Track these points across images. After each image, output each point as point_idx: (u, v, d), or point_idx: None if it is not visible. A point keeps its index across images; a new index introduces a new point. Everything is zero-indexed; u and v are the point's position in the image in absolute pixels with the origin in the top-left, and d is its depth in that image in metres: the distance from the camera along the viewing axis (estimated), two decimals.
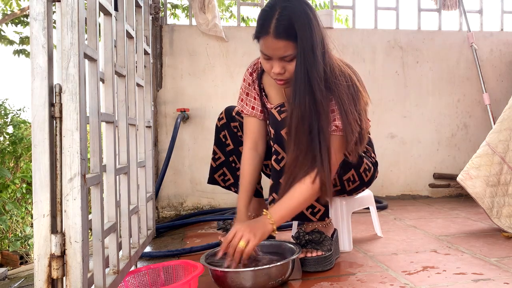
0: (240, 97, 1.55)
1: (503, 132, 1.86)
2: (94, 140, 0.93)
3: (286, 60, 1.26)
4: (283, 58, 1.26)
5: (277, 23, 1.21)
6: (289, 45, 1.23)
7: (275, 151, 1.38)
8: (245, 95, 1.53)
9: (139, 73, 1.44)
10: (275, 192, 1.38)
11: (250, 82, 1.53)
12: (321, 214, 1.41)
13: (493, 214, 1.80)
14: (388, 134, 2.86)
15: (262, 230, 1.24)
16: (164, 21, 2.68)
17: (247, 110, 1.52)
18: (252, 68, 1.53)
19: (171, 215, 2.61)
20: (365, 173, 1.52)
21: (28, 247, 4.96)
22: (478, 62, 2.86)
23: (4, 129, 5.75)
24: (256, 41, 1.30)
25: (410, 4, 3.00)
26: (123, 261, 1.13)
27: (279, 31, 1.21)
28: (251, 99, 1.53)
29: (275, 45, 1.23)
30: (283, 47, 1.23)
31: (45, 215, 0.80)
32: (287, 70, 1.28)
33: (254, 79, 1.53)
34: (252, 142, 1.52)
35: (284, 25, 1.21)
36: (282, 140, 1.34)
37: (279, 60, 1.27)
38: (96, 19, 0.94)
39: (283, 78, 1.31)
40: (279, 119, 1.35)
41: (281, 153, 1.36)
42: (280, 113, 1.36)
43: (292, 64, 1.26)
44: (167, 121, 2.63)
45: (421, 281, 1.26)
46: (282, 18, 1.21)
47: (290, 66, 1.27)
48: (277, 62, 1.27)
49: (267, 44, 1.25)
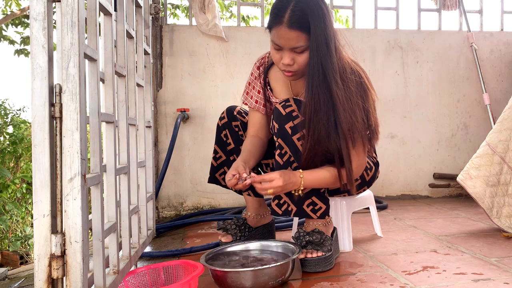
0: (246, 90, 1.60)
1: (503, 132, 1.86)
2: (94, 140, 0.93)
3: (297, 52, 1.30)
4: (294, 49, 1.29)
5: (291, 13, 1.25)
6: (301, 36, 1.26)
7: (278, 145, 1.38)
8: (252, 88, 1.58)
9: (139, 73, 1.44)
10: None
11: (256, 76, 1.57)
12: (322, 212, 1.41)
13: (493, 214, 1.80)
14: (388, 134, 2.86)
15: (290, 189, 1.33)
16: (164, 21, 2.68)
17: (250, 103, 1.57)
18: (259, 62, 1.57)
19: (171, 215, 2.61)
20: (366, 172, 1.54)
21: (28, 247, 4.96)
22: (478, 62, 2.86)
23: (4, 129, 5.75)
24: (268, 31, 1.35)
25: (410, 4, 3.00)
26: (123, 261, 1.13)
27: (292, 21, 1.25)
28: (256, 92, 1.57)
29: (287, 35, 1.26)
30: (296, 37, 1.26)
31: (45, 215, 0.80)
32: (296, 62, 1.32)
33: (261, 72, 1.56)
34: (254, 130, 1.57)
35: (298, 15, 1.24)
36: (286, 134, 1.35)
37: (290, 51, 1.30)
38: (96, 19, 0.94)
39: (291, 69, 1.34)
40: (284, 113, 1.36)
41: (284, 148, 1.36)
42: (284, 107, 1.37)
43: (302, 56, 1.30)
44: (167, 121, 2.63)
45: (421, 281, 1.26)
46: (297, 9, 1.25)
47: (299, 58, 1.31)
48: (288, 52, 1.30)
49: (279, 33, 1.28)
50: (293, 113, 1.35)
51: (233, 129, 1.63)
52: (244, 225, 1.63)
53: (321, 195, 1.41)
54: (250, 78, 1.60)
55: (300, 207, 1.39)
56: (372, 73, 2.83)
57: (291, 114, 1.35)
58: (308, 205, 1.40)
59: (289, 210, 1.39)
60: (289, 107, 1.37)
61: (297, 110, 1.36)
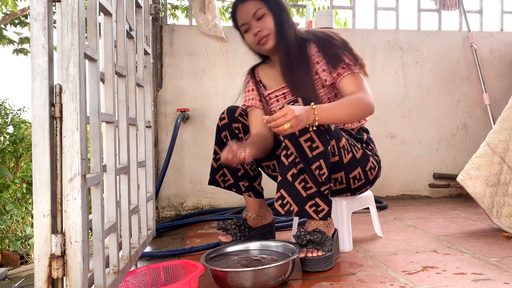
0: (244, 98, 1.70)
1: (503, 132, 1.86)
2: (94, 140, 0.93)
3: (259, 18, 1.48)
4: (255, 16, 1.47)
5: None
6: (256, 3, 1.47)
7: (285, 146, 1.38)
8: (246, 91, 1.69)
9: (139, 73, 1.44)
10: (283, 189, 1.37)
11: (248, 79, 1.71)
12: (324, 214, 1.41)
13: (493, 214, 1.80)
14: (388, 134, 2.86)
15: (306, 122, 1.30)
16: (164, 21, 2.69)
17: (248, 102, 1.66)
18: (249, 69, 1.74)
19: (171, 215, 2.61)
20: (370, 172, 1.55)
21: (28, 247, 4.96)
22: (478, 62, 2.86)
23: (4, 129, 5.75)
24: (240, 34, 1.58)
25: (410, 4, 3.00)
26: (123, 261, 1.13)
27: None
28: (250, 91, 1.68)
29: (245, 8, 1.48)
30: (252, 6, 1.47)
31: (46, 215, 0.80)
32: (263, 26, 1.48)
33: (249, 72, 1.72)
34: (256, 128, 1.61)
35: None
36: (293, 135, 1.35)
37: (255, 22, 1.48)
38: (96, 19, 0.94)
39: (263, 34, 1.48)
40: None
41: (291, 148, 1.36)
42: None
43: (265, 19, 1.47)
44: (167, 121, 2.63)
45: (421, 281, 1.26)
46: None
47: (264, 23, 1.48)
48: (253, 24, 1.49)
49: (240, 13, 1.50)
50: None
51: (233, 131, 1.63)
52: (244, 225, 1.63)
53: (324, 197, 1.41)
54: (244, 86, 1.73)
55: (302, 207, 1.39)
56: (372, 73, 2.81)
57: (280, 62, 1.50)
58: (311, 206, 1.39)
59: (291, 210, 1.39)
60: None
61: None
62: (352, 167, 1.49)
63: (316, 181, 1.37)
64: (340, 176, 1.50)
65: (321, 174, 1.37)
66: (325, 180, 1.38)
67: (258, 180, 1.69)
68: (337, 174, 1.49)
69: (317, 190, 1.38)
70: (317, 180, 1.37)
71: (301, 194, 1.38)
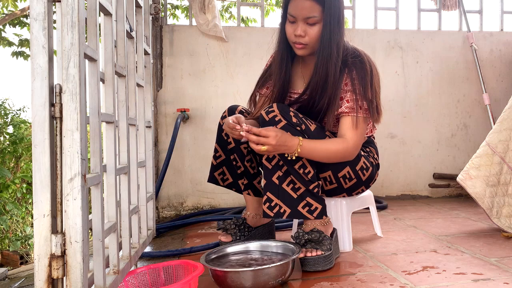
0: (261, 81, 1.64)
1: (503, 132, 1.86)
2: (94, 140, 0.93)
3: (309, 23, 1.38)
4: (307, 20, 1.38)
5: None
6: (315, 7, 1.36)
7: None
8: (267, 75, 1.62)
9: (139, 73, 1.44)
10: (269, 191, 1.42)
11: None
12: (318, 212, 1.42)
13: (493, 214, 1.80)
14: (388, 134, 2.86)
15: (285, 151, 1.33)
16: (164, 21, 2.69)
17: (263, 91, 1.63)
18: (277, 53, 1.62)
19: (171, 215, 2.61)
20: (362, 172, 1.53)
21: (28, 247, 4.97)
22: (478, 62, 2.86)
23: (4, 129, 5.75)
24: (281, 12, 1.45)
25: (410, 4, 3.00)
26: (123, 261, 1.13)
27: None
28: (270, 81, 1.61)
29: (302, 4, 1.36)
30: (310, 7, 1.36)
31: (46, 215, 0.80)
32: (308, 34, 1.39)
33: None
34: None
35: None
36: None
37: (303, 23, 1.39)
38: (96, 19, 0.94)
39: (302, 41, 1.41)
40: (267, 119, 1.39)
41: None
42: (267, 113, 1.40)
43: (314, 28, 1.39)
44: (167, 121, 2.63)
45: (421, 281, 1.26)
46: None
47: (311, 30, 1.39)
48: (301, 23, 1.39)
49: (295, 3, 1.37)
50: (275, 118, 1.38)
51: None
52: (244, 225, 1.63)
53: (315, 195, 1.43)
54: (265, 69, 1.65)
55: (295, 209, 1.41)
56: None
57: (274, 119, 1.38)
58: (304, 206, 1.41)
59: (282, 212, 1.41)
60: (271, 113, 1.39)
61: (280, 115, 1.38)
62: (339, 166, 1.49)
63: (303, 180, 1.39)
64: (329, 175, 1.50)
65: (306, 172, 1.39)
66: (311, 178, 1.40)
67: (258, 179, 1.69)
68: (325, 173, 1.50)
69: (306, 189, 1.41)
70: (303, 179, 1.39)
71: (291, 195, 1.41)
